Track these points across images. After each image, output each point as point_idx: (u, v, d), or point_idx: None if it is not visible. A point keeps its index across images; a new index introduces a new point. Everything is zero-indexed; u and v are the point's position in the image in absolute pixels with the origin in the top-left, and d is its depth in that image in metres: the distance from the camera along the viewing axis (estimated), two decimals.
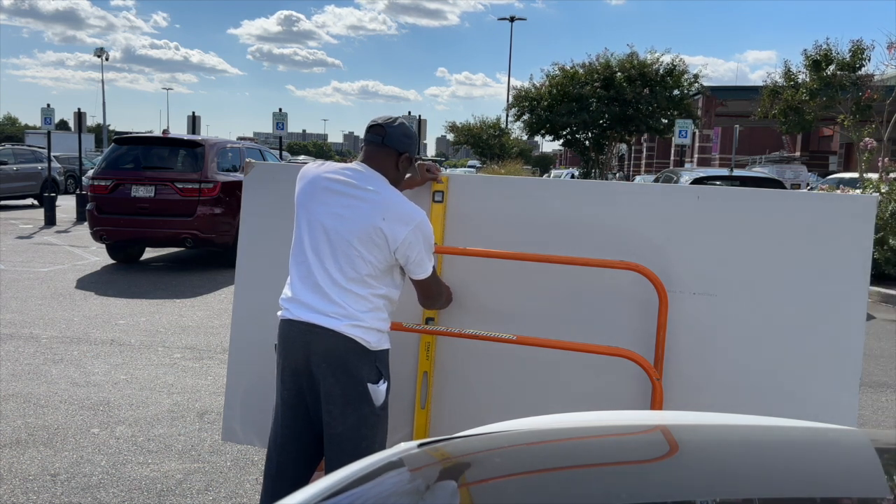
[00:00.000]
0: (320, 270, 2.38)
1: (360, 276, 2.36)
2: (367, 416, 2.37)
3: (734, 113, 28.19)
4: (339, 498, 1.28)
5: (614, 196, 2.95)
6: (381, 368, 2.41)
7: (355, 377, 2.35)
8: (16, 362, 5.37)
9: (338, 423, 2.36)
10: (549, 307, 2.93)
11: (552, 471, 1.45)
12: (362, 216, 2.34)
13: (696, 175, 10.91)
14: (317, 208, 2.41)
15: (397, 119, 2.52)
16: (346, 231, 2.35)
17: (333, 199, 2.39)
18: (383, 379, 2.41)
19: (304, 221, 2.44)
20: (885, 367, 6.10)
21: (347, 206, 2.36)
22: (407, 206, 2.38)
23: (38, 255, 10.56)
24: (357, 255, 2.34)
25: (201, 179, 9.55)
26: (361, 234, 2.33)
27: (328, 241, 2.38)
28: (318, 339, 2.35)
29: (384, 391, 2.41)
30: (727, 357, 2.79)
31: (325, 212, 2.39)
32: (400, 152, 2.48)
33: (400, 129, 2.49)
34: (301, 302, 2.41)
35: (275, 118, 16.28)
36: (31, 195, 19.17)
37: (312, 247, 2.41)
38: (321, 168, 2.50)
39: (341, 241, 2.36)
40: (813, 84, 18.14)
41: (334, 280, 2.36)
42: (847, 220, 2.71)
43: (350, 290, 2.36)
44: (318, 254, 2.39)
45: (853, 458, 1.52)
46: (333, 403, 2.36)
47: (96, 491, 3.43)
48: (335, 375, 2.35)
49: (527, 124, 24.86)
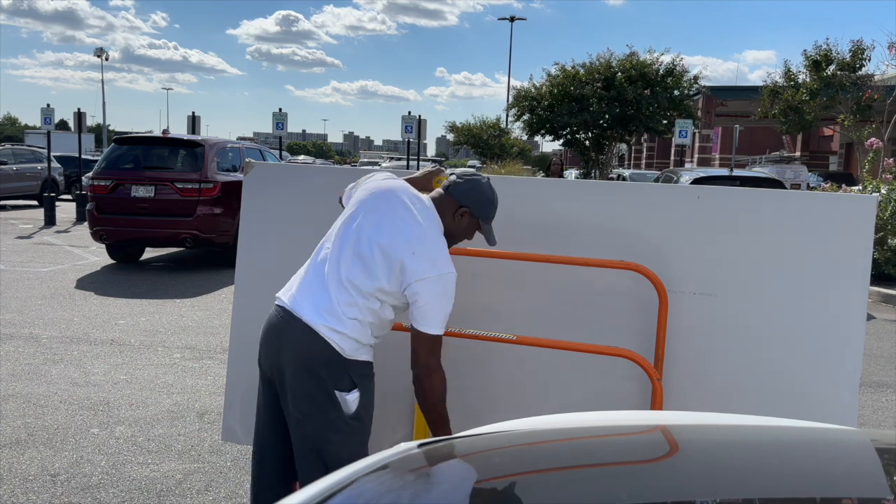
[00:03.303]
0: (334, 262, 2.33)
1: (365, 286, 2.29)
2: (334, 421, 2.28)
3: (734, 113, 28.21)
4: (338, 498, 1.28)
5: (614, 196, 2.95)
6: (354, 379, 2.31)
7: (322, 380, 2.27)
8: (16, 362, 5.37)
9: (306, 421, 2.29)
10: (549, 307, 2.93)
11: (552, 471, 1.45)
12: (398, 240, 2.28)
13: (697, 175, 10.91)
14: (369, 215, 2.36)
15: (481, 178, 2.46)
16: (378, 241, 2.29)
17: (386, 211, 2.35)
18: (356, 389, 2.30)
19: (348, 219, 2.40)
20: (885, 367, 6.09)
21: (392, 224, 2.31)
22: (442, 257, 2.31)
23: (37, 255, 10.56)
24: (374, 266, 2.29)
25: (201, 179, 9.55)
26: (388, 252, 2.28)
27: (356, 242, 2.32)
28: (294, 332, 2.29)
29: (355, 401, 2.30)
30: (727, 357, 2.79)
31: (371, 219, 2.34)
32: (460, 205, 2.41)
33: (468, 184, 2.42)
34: (295, 292, 2.36)
35: (274, 118, 16.28)
36: (31, 195, 19.16)
37: (339, 238, 2.37)
38: (395, 183, 2.45)
39: (367, 247, 2.30)
40: (813, 84, 18.15)
41: (340, 274, 2.30)
42: (847, 220, 2.71)
43: (348, 291, 2.30)
44: (341, 248, 2.34)
45: (853, 458, 1.52)
46: (302, 401, 2.29)
47: (96, 491, 3.43)
48: (302, 374, 2.28)
49: (527, 124, 24.85)
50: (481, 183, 2.45)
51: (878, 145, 12.02)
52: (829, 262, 2.72)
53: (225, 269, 9.43)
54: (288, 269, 2.63)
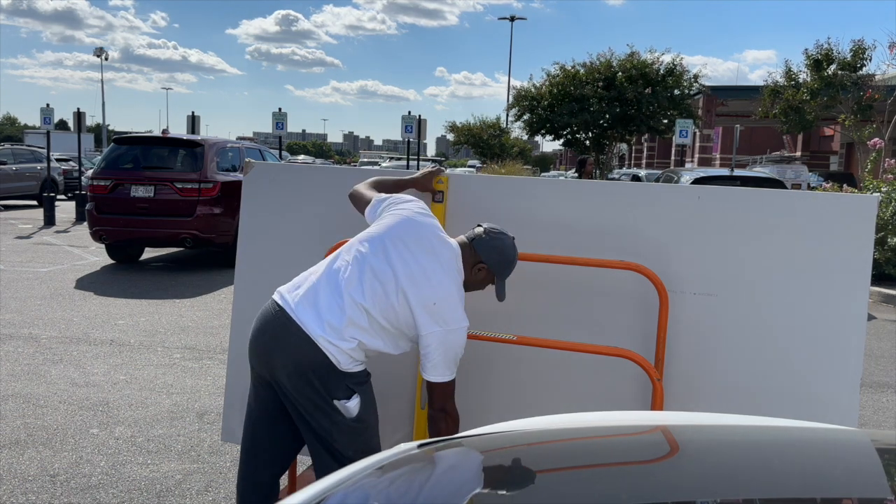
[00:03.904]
0: (355, 282, 2.28)
1: (381, 319, 2.27)
2: (338, 423, 2.28)
3: (735, 113, 28.22)
4: (338, 498, 1.28)
5: (615, 196, 2.95)
6: (351, 386, 2.29)
7: (317, 389, 2.26)
8: (15, 362, 5.37)
9: (311, 420, 2.29)
10: (550, 307, 2.93)
11: (553, 471, 1.45)
12: (425, 291, 2.28)
13: (697, 175, 10.90)
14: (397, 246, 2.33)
15: (506, 237, 2.47)
16: (404, 285, 2.27)
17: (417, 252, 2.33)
18: (356, 395, 2.30)
19: (376, 242, 2.35)
20: (885, 367, 6.09)
21: (421, 270, 2.30)
22: (458, 311, 2.31)
23: (37, 256, 10.56)
24: (394, 305, 2.27)
25: (201, 179, 9.55)
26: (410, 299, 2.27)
27: (381, 274, 2.29)
28: (290, 339, 2.26)
29: (356, 406, 2.29)
30: (728, 357, 2.78)
31: (401, 257, 2.31)
32: (480, 259, 2.42)
33: (493, 243, 2.43)
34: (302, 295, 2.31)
35: (274, 118, 16.28)
36: (31, 195, 19.16)
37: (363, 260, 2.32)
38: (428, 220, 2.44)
39: (394, 287, 2.28)
40: (814, 84, 18.15)
41: (358, 298, 2.26)
42: (847, 220, 2.71)
43: (363, 316, 2.26)
44: (362, 270, 2.30)
45: (854, 458, 1.51)
46: (304, 402, 2.28)
47: (95, 491, 3.43)
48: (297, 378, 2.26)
49: (527, 124, 24.86)
50: (505, 243, 2.46)
51: (880, 145, 12.01)
52: (829, 262, 2.71)
53: (225, 269, 9.43)
54: (288, 269, 2.62)
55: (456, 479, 1.47)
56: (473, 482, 1.43)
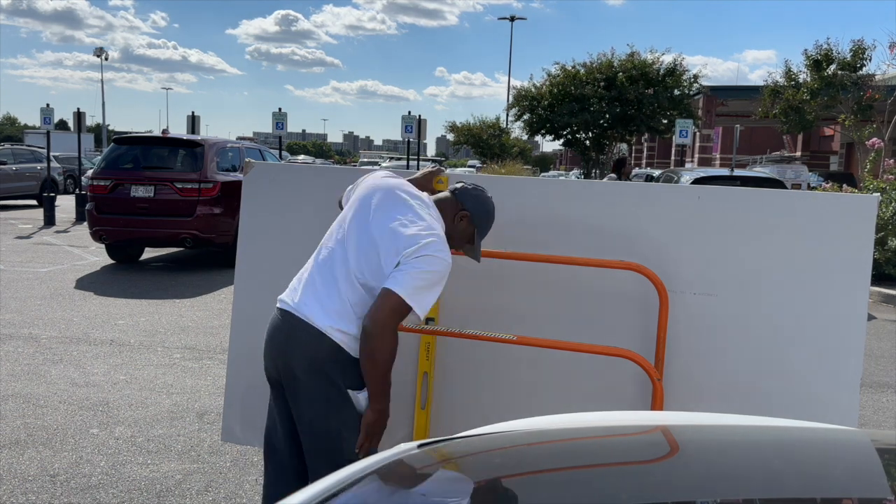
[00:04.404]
0: (341, 260, 2.31)
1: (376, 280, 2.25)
2: (347, 419, 2.28)
3: (735, 113, 28.20)
4: (338, 498, 1.28)
5: (615, 196, 2.95)
6: (363, 377, 2.29)
7: (335, 381, 2.27)
8: (15, 362, 5.37)
9: (320, 422, 2.29)
10: (550, 307, 2.93)
11: (553, 471, 1.45)
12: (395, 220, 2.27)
13: (697, 175, 10.90)
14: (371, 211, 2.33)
15: (487, 195, 2.49)
16: (379, 229, 2.27)
17: (386, 207, 2.32)
18: (365, 388, 2.29)
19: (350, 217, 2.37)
20: (885, 367, 6.09)
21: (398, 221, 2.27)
22: (440, 244, 2.25)
23: (37, 256, 10.56)
24: (378, 257, 2.25)
25: (201, 179, 9.54)
26: (385, 235, 2.26)
27: (358, 238, 2.30)
28: (302, 336, 2.27)
29: (365, 399, 2.29)
30: (728, 357, 2.79)
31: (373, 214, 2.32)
32: (463, 207, 2.43)
33: (476, 192, 2.46)
34: (301, 294, 2.34)
35: (274, 118, 16.28)
36: (30, 195, 19.16)
37: (341, 236, 2.35)
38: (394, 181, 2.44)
39: (368, 240, 2.28)
40: (814, 84, 18.13)
41: (350, 273, 2.28)
42: (848, 220, 2.71)
43: (359, 289, 2.27)
44: (346, 246, 2.32)
45: (854, 458, 1.51)
46: (317, 403, 2.28)
47: (95, 491, 3.43)
48: (315, 376, 2.27)
49: (527, 124, 24.87)
50: (487, 196, 2.50)
51: (879, 145, 12.01)
52: (829, 262, 2.72)
53: (224, 269, 9.43)
54: (288, 269, 2.62)
55: (456, 479, 1.47)
56: (474, 482, 1.43)
